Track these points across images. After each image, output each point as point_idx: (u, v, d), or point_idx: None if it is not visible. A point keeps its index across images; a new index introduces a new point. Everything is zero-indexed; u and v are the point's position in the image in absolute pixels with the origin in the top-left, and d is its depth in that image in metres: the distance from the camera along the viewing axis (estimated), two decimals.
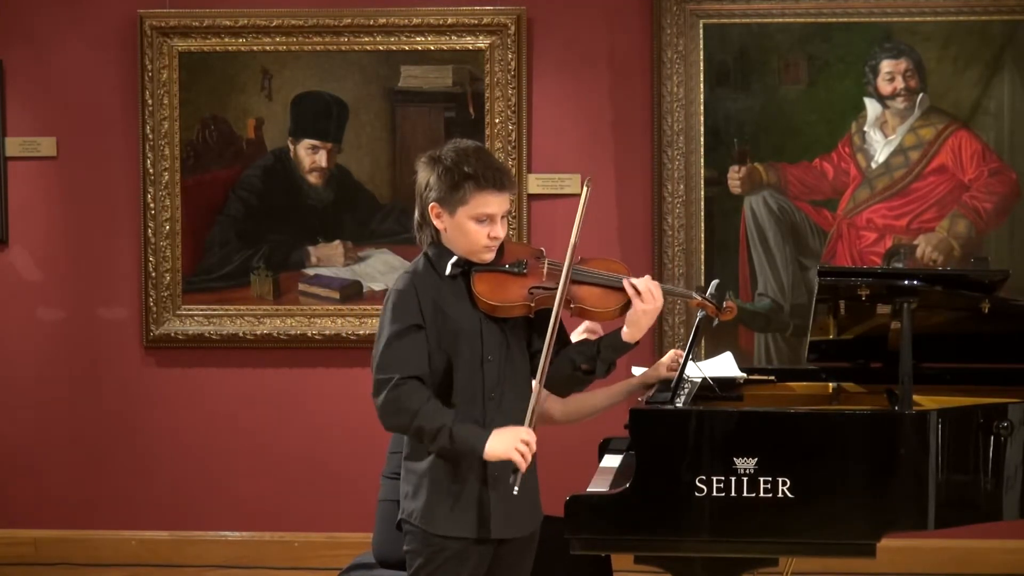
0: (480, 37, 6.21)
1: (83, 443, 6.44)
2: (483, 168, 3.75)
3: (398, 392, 3.70)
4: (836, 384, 4.82)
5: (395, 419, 3.73)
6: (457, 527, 3.78)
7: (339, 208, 6.31)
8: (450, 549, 3.78)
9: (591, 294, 3.85)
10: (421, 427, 3.69)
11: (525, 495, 3.83)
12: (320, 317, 6.34)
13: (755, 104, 6.16)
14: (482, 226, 3.76)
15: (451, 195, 3.75)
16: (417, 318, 3.74)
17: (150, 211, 6.32)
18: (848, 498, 3.95)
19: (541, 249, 3.94)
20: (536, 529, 3.94)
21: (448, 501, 3.78)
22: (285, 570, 6.40)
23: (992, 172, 6.13)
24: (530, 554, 3.95)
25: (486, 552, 3.83)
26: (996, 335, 4.51)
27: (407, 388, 3.71)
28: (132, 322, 6.41)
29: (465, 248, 3.79)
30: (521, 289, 3.80)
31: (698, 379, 4.48)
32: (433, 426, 3.69)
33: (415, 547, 3.83)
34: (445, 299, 3.77)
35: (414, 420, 3.69)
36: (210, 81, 6.30)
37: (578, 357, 3.86)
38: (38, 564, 6.44)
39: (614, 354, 3.87)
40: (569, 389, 3.97)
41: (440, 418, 3.69)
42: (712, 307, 4.05)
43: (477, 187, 3.74)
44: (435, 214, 3.79)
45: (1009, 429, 4.06)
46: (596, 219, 6.20)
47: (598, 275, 3.87)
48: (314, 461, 6.38)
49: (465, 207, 3.75)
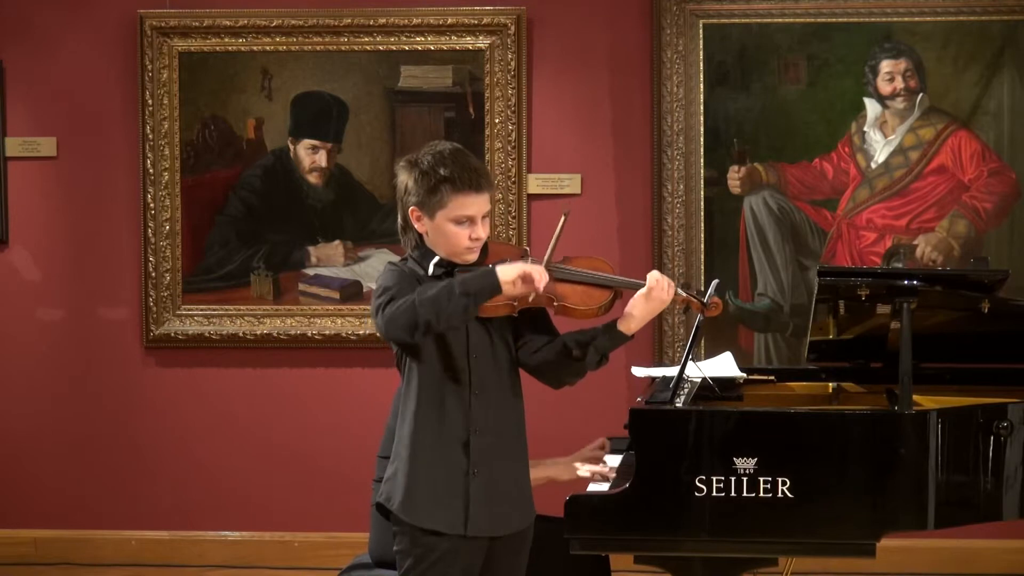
0: (480, 37, 6.21)
1: (83, 443, 6.44)
2: (460, 170, 3.75)
3: (391, 302, 3.66)
4: (836, 384, 4.82)
5: (399, 319, 3.65)
6: (437, 520, 3.76)
7: (339, 208, 6.31)
8: (440, 548, 3.77)
9: (574, 292, 3.84)
10: (428, 299, 3.62)
11: (513, 492, 3.84)
12: (320, 317, 6.34)
13: (755, 104, 6.16)
14: (462, 228, 3.76)
15: (429, 198, 3.75)
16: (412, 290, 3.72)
17: (150, 211, 6.32)
18: (848, 498, 3.95)
19: (526, 248, 3.96)
20: (529, 527, 3.92)
21: (430, 492, 3.77)
22: (285, 570, 6.40)
23: (992, 172, 6.13)
24: (524, 553, 3.94)
25: (478, 550, 3.82)
26: (996, 335, 4.51)
27: (399, 298, 3.66)
28: (132, 322, 6.41)
29: (447, 250, 3.79)
30: None
31: (698, 379, 4.48)
32: (439, 291, 3.63)
33: (404, 547, 3.82)
34: None
35: (417, 302, 3.62)
36: (210, 81, 6.30)
37: (571, 342, 3.84)
38: (38, 564, 6.44)
39: (608, 343, 3.84)
40: (559, 376, 3.89)
41: (440, 284, 3.66)
42: (697, 303, 4.02)
43: (454, 189, 3.74)
44: (415, 218, 3.80)
45: (1009, 429, 4.07)
46: (596, 219, 6.20)
47: (581, 273, 3.85)
48: (314, 461, 6.38)
49: (444, 210, 3.75)
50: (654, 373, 4.82)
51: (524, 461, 3.93)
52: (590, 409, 6.01)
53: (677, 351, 6.11)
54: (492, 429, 3.82)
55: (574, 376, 3.91)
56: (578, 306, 3.83)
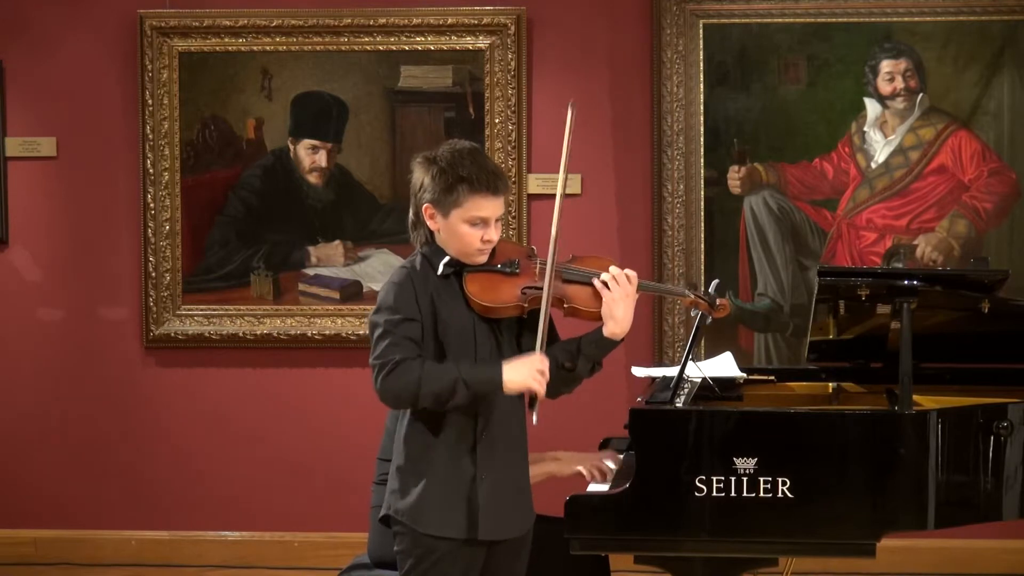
0: (480, 37, 6.21)
1: (83, 443, 6.44)
2: (478, 171, 3.74)
3: (394, 371, 3.68)
4: (836, 384, 4.82)
5: (400, 395, 3.70)
6: (446, 527, 3.76)
7: (339, 208, 6.31)
8: (440, 550, 3.77)
9: (583, 292, 3.83)
10: (432, 392, 3.67)
11: (517, 496, 3.83)
12: (320, 317, 6.34)
13: (755, 104, 6.16)
14: (475, 229, 3.75)
15: (445, 197, 3.74)
16: (413, 311, 3.73)
17: (150, 211, 6.32)
18: (848, 498, 3.95)
19: (532, 248, 3.93)
20: (529, 530, 3.92)
21: (438, 499, 3.76)
22: (285, 570, 6.40)
23: (992, 172, 6.13)
24: (524, 556, 3.93)
25: (478, 554, 3.81)
26: (996, 335, 4.51)
27: (402, 366, 3.68)
28: (132, 322, 6.41)
29: (458, 250, 3.78)
30: (514, 289, 3.78)
31: (698, 379, 4.48)
32: (444, 384, 3.66)
33: (405, 548, 3.82)
34: (440, 297, 3.77)
35: (420, 388, 3.66)
36: (210, 81, 6.30)
37: (561, 355, 3.82)
38: (38, 564, 6.44)
39: (597, 351, 3.83)
40: (556, 389, 3.87)
41: (447, 373, 3.68)
42: (705, 304, 4.03)
43: (471, 190, 3.73)
44: (428, 215, 3.79)
45: (1009, 429, 4.07)
46: (596, 219, 6.20)
47: (589, 273, 3.84)
48: (314, 461, 6.38)
49: (459, 209, 3.74)
50: (654, 373, 4.82)
51: (526, 464, 3.92)
52: (590, 409, 6.00)
53: (677, 351, 6.11)
54: (498, 433, 3.81)
55: (567, 387, 3.91)
56: (586, 307, 3.81)
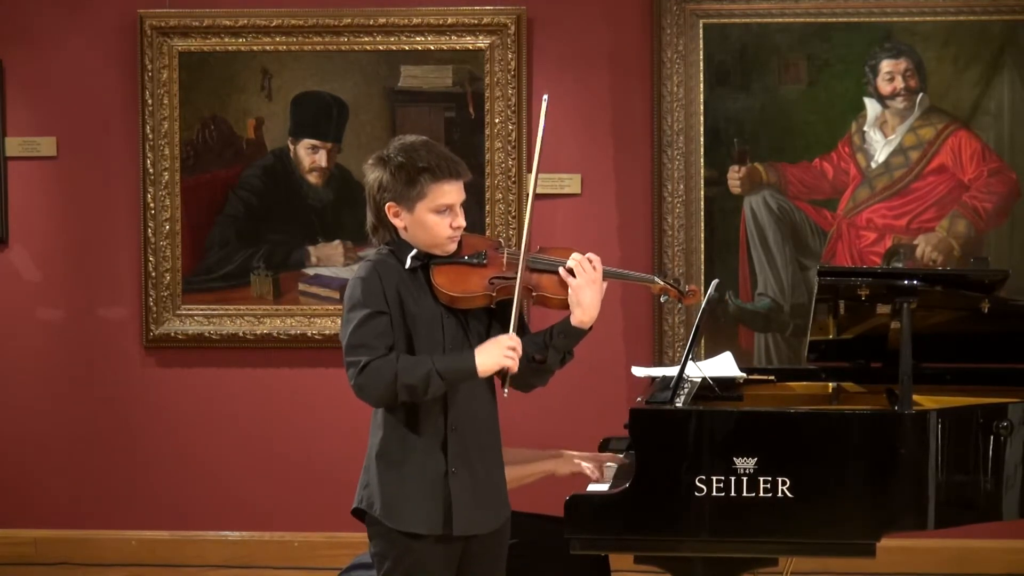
0: (480, 37, 6.21)
1: (83, 443, 6.44)
2: (436, 159, 3.75)
3: (365, 372, 3.70)
4: (836, 384, 4.82)
5: (377, 393, 3.73)
6: (420, 522, 3.75)
7: (339, 208, 6.31)
8: (416, 550, 3.76)
9: (550, 281, 3.83)
10: (407, 385, 3.68)
11: (492, 490, 3.82)
12: (320, 317, 6.34)
13: (755, 104, 6.16)
14: (443, 217, 3.75)
15: (408, 191, 3.75)
16: (381, 304, 3.73)
17: (150, 211, 6.32)
18: (848, 498, 3.95)
19: (499, 240, 3.95)
20: (505, 524, 3.90)
21: (411, 495, 3.76)
22: (285, 570, 6.40)
23: (992, 172, 6.13)
24: (502, 550, 3.92)
25: (453, 550, 3.80)
26: (996, 335, 4.52)
27: (373, 366, 3.70)
28: (132, 322, 6.41)
29: (428, 242, 3.78)
30: (481, 279, 3.79)
31: (698, 379, 4.48)
32: (418, 377, 3.68)
33: (381, 550, 3.82)
34: (407, 289, 3.77)
35: (396, 382, 3.68)
36: (210, 81, 6.30)
37: (530, 347, 3.82)
38: (38, 564, 6.44)
39: (565, 341, 3.82)
40: (527, 382, 3.88)
41: (420, 367, 3.69)
42: (675, 292, 4.01)
43: (433, 179, 3.74)
44: (393, 213, 3.79)
45: (1009, 429, 4.07)
46: (596, 219, 6.20)
47: (555, 262, 3.84)
48: (314, 461, 6.38)
49: (424, 201, 3.74)
50: (654, 373, 4.82)
51: (499, 458, 3.91)
52: (590, 409, 6.01)
53: (677, 351, 6.11)
54: (468, 426, 3.80)
55: (539, 378, 3.90)
56: (555, 295, 3.81)
